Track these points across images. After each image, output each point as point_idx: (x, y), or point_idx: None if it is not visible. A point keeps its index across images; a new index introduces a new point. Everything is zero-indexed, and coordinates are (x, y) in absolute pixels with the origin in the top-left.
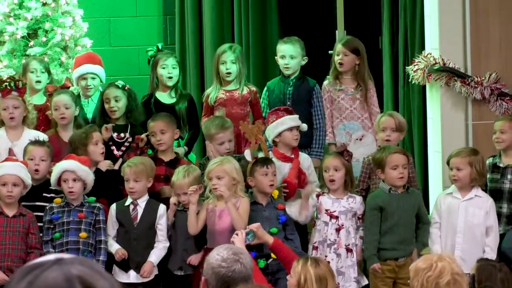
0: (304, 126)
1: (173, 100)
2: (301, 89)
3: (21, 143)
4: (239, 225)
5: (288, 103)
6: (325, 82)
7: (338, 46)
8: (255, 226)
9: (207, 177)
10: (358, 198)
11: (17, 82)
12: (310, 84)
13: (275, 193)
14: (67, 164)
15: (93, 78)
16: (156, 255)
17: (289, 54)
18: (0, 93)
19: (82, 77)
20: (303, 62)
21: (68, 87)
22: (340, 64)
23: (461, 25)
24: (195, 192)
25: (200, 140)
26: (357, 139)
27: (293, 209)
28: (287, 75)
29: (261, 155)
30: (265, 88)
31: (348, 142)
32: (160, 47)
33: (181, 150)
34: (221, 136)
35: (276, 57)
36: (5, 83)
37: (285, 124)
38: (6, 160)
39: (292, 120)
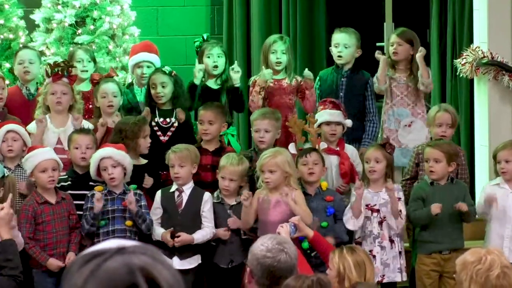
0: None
1: (219, 87)
2: (355, 80)
3: (67, 130)
4: (308, 218)
5: (341, 94)
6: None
7: (393, 37)
8: (296, 219)
9: (260, 170)
10: (395, 186)
11: (70, 69)
12: (365, 76)
13: (324, 184)
14: (103, 151)
15: (149, 67)
16: (201, 234)
17: (343, 43)
18: (51, 77)
19: (138, 65)
20: (357, 55)
21: (112, 77)
22: (394, 53)
23: (510, 18)
24: (248, 198)
25: (245, 131)
26: (405, 125)
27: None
28: (339, 65)
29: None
30: (318, 78)
31: (397, 128)
32: (205, 37)
33: None
34: (257, 123)
35: (330, 47)
36: (58, 68)
37: (321, 117)
38: (33, 148)
39: (330, 114)
